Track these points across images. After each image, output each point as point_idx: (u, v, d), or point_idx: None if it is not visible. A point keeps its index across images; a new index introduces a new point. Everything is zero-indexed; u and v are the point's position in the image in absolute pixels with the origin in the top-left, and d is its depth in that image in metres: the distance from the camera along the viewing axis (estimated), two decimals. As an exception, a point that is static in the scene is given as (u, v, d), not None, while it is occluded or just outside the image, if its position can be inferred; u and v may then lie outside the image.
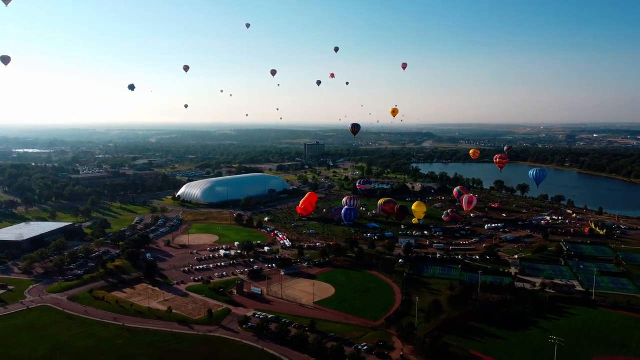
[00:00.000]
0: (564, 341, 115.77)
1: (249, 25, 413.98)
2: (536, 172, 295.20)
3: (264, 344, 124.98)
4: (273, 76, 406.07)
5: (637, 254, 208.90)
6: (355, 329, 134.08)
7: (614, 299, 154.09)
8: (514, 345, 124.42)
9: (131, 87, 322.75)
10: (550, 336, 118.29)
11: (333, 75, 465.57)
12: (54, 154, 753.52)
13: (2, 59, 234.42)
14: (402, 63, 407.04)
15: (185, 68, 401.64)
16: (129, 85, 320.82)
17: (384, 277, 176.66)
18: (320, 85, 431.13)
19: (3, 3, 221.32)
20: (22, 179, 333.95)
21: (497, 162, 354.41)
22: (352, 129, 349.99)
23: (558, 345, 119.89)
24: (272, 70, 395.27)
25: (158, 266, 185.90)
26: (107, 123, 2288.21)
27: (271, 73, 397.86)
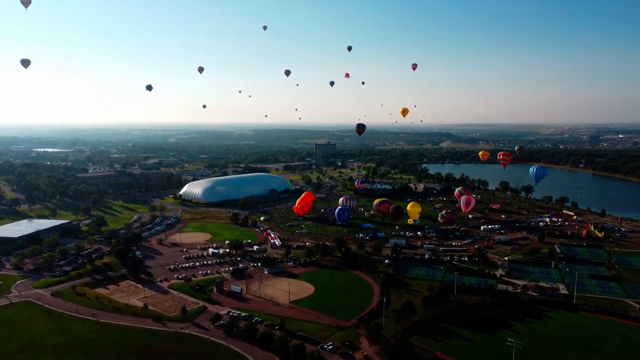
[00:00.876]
0: (521, 344, 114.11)
1: (266, 28, 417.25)
2: (536, 169, 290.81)
3: (232, 342, 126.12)
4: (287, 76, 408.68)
5: (632, 257, 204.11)
6: (326, 328, 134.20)
7: (598, 303, 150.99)
8: (483, 349, 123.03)
9: (149, 87, 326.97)
10: (509, 339, 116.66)
11: (348, 75, 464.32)
12: (72, 153, 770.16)
13: (22, 63, 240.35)
14: (412, 64, 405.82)
15: (200, 69, 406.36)
16: (147, 86, 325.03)
17: (367, 278, 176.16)
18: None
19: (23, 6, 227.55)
20: (30, 178, 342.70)
21: (501, 160, 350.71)
22: (357, 129, 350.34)
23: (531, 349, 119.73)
24: (287, 71, 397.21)
25: (145, 264, 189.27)
26: (130, 123, 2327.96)
27: (285, 73, 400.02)
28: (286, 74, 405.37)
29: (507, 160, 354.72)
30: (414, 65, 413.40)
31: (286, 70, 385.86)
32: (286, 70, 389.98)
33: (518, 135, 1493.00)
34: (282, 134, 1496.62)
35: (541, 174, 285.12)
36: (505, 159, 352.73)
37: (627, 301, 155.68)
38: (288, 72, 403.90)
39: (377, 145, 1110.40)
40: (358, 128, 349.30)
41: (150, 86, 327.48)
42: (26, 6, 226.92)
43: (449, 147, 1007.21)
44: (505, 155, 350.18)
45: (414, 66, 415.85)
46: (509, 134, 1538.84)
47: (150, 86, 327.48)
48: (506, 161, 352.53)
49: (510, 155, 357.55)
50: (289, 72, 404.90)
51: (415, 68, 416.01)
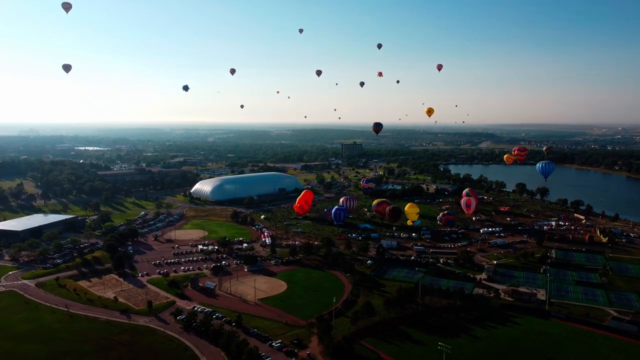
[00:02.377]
0: (451, 349, 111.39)
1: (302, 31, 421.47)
2: (542, 165, 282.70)
3: (186, 336, 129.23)
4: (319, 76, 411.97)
5: (631, 264, 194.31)
6: (282, 326, 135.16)
7: (574, 310, 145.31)
8: (430, 352, 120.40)
9: (185, 88, 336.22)
10: (439, 343, 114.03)
11: (381, 74, 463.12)
12: (109, 151, 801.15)
13: (64, 68, 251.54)
14: (437, 65, 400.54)
15: (232, 71, 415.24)
16: (184, 87, 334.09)
17: (343, 278, 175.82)
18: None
19: (64, 11, 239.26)
20: (52, 175, 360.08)
21: (516, 155, 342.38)
22: (374, 128, 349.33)
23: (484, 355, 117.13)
24: (318, 71, 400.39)
25: (134, 259, 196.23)
26: (174, 122, 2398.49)
27: (317, 74, 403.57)
28: (317, 74, 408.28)
29: (522, 156, 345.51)
30: (439, 66, 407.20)
31: (317, 70, 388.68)
32: (317, 71, 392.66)
33: (566, 135, 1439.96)
34: (319, 134, 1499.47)
35: (548, 169, 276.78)
36: (520, 154, 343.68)
37: (608, 309, 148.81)
38: (319, 72, 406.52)
39: (413, 145, 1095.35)
40: (375, 127, 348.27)
41: (187, 86, 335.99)
42: (67, 11, 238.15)
43: (488, 147, 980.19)
44: (520, 150, 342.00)
45: (439, 67, 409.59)
46: (556, 135, 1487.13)
47: (187, 86, 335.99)
48: (521, 157, 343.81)
49: (525, 150, 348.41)
50: (320, 72, 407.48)
51: (440, 69, 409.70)
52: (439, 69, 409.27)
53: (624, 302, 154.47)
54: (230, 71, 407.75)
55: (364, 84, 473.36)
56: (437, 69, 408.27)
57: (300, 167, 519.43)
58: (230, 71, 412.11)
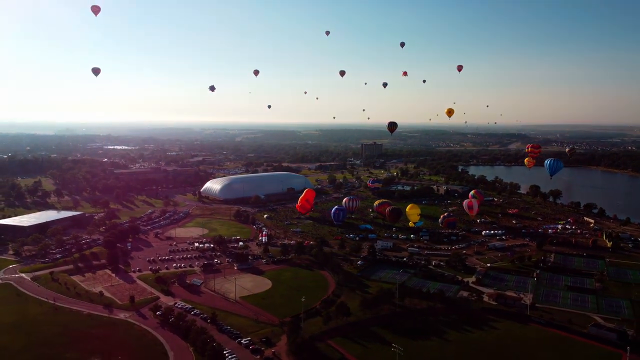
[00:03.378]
0: (403, 351, 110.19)
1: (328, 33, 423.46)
2: (551, 162, 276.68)
3: (161, 331, 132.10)
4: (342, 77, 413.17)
5: (632, 270, 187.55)
6: (256, 324, 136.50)
7: (557, 316, 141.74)
8: (395, 354, 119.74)
9: (212, 88, 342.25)
10: (393, 344, 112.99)
11: (406, 74, 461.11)
12: (136, 150, 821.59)
13: (93, 71, 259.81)
14: (458, 65, 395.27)
15: (256, 72, 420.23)
16: (210, 87, 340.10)
17: (330, 278, 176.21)
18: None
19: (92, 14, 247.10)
20: (71, 173, 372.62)
21: (530, 153, 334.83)
22: (389, 127, 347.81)
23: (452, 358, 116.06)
24: (341, 72, 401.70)
25: (131, 255, 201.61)
26: (205, 122, 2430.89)
27: (340, 74, 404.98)
28: (341, 74, 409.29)
29: (536, 153, 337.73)
30: (459, 67, 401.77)
31: (341, 71, 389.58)
32: (341, 71, 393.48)
33: (603, 136, 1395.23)
34: (347, 134, 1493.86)
35: (556, 167, 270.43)
36: (534, 152, 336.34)
37: (594, 316, 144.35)
38: (343, 73, 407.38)
39: (440, 146, 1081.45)
40: (389, 126, 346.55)
41: (213, 87, 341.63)
42: (96, 14, 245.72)
43: (518, 148, 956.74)
44: (534, 147, 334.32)
45: (460, 67, 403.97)
46: (593, 136, 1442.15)
47: (213, 87, 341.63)
48: (535, 154, 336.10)
49: (539, 147, 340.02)
50: (344, 73, 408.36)
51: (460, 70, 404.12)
52: (459, 69, 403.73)
53: (613, 309, 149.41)
54: (254, 72, 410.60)
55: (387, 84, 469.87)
56: (458, 69, 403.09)
57: (315, 167, 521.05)
58: (254, 72, 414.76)
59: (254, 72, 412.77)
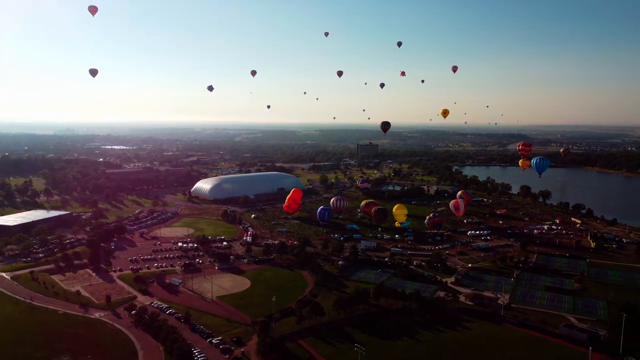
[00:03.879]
0: (364, 350, 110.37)
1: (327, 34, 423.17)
2: (538, 161, 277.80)
3: (134, 330, 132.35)
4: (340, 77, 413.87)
5: (612, 270, 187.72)
6: (230, 324, 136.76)
7: (532, 317, 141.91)
8: (366, 354, 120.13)
9: (210, 88, 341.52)
10: (355, 344, 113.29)
11: (404, 74, 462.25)
12: (133, 150, 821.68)
13: (90, 72, 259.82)
14: (453, 66, 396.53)
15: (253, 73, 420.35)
16: (208, 87, 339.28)
17: (310, 278, 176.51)
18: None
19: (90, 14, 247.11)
20: (61, 173, 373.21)
21: (520, 151, 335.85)
22: (382, 127, 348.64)
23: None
24: (339, 72, 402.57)
25: (114, 254, 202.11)
26: (206, 122, 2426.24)
27: (338, 74, 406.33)
28: (339, 74, 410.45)
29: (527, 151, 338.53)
30: (454, 68, 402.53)
31: (338, 71, 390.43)
32: (339, 72, 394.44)
33: (603, 137, 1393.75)
34: (347, 134, 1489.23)
35: (543, 166, 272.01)
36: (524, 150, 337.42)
37: (569, 316, 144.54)
38: (340, 73, 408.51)
39: (439, 146, 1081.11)
40: (383, 126, 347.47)
41: (212, 87, 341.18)
42: (93, 14, 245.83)
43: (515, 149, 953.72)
44: (525, 145, 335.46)
45: (454, 68, 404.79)
46: (594, 136, 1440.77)
47: (212, 87, 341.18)
48: (526, 152, 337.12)
49: (530, 146, 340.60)
50: (342, 73, 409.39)
51: (455, 70, 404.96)
52: (454, 70, 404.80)
53: (589, 310, 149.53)
54: (251, 73, 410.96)
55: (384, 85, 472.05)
56: (452, 70, 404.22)
57: (309, 167, 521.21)
58: (252, 73, 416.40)
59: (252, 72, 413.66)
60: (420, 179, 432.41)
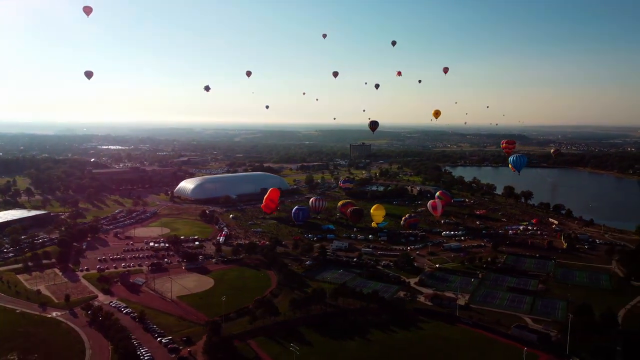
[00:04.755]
0: (299, 350, 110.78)
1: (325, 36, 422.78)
2: (515, 158, 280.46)
3: (87, 329, 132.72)
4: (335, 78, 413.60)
5: (579, 271, 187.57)
6: (184, 323, 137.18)
7: (488, 317, 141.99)
8: (313, 354, 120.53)
9: (207, 88, 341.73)
10: (291, 344, 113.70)
11: (400, 74, 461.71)
12: (128, 150, 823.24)
13: (86, 74, 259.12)
14: (444, 67, 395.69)
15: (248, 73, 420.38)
16: (205, 87, 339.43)
17: (274, 277, 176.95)
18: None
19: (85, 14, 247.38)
20: (47, 173, 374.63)
21: (504, 148, 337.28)
22: (370, 126, 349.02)
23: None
24: (334, 72, 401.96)
25: (84, 254, 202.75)
26: (207, 122, 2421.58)
27: (333, 75, 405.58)
28: (334, 75, 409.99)
29: (510, 148, 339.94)
30: (445, 69, 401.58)
31: (334, 72, 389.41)
32: (334, 72, 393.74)
33: (604, 137, 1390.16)
34: (346, 135, 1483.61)
35: (520, 163, 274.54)
36: (508, 147, 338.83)
37: (525, 317, 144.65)
38: (336, 74, 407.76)
39: (437, 146, 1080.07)
40: (371, 125, 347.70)
41: (208, 87, 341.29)
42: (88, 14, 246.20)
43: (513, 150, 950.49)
44: (509, 143, 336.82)
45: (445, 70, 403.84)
46: (595, 137, 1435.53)
47: (208, 87, 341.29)
48: (509, 149, 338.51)
49: (513, 143, 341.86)
50: (337, 74, 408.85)
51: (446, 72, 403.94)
52: (445, 71, 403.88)
53: (547, 310, 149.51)
54: (246, 73, 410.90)
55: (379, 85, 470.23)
56: (444, 71, 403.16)
57: (297, 167, 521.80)
58: (247, 73, 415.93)
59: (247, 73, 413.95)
60: (407, 179, 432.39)
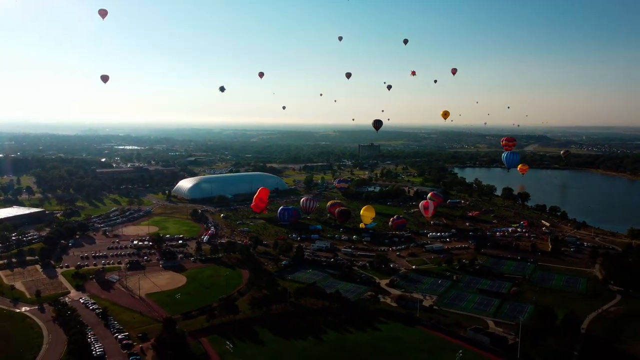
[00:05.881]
0: (232, 348, 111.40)
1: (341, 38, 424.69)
2: (507, 155, 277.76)
3: (51, 324, 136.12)
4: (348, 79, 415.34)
5: (558, 274, 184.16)
6: (145, 320, 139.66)
7: (448, 319, 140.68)
8: (259, 354, 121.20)
9: (221, 89, 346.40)
10: (227, 342, 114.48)
11: (414, 73, 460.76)
12: (141, 151, 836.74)
13: (102, 78, 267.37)
14: (452, 69, 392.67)
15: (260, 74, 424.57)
16: (220, 87, 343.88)
17: (247, 276, 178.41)
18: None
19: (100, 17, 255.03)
20: (52, 172, 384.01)
21: (504, 145, 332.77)
22: (374, 125, 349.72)
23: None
24: (347, 74, 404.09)
25: (69, 251, 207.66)
26: (226, 123, 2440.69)
27: (346, 76, 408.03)
28: (347, 76, 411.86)
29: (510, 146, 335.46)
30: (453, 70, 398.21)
31: (347, 72, 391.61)
32: (347, 73, 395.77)
33: (630, 139, 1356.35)
34: (364, 135, 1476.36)
35: (512, 160, 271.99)
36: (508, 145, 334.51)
37: (489, 320, 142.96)
38: (349, 75, 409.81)
39: (454, 147, 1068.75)
40: (375, 124, 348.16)
41: (223, 87, 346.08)
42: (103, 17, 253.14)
43: (535, 150, 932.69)
44: (508, 140, 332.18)
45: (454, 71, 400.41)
46: (622, 138, 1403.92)
47: (223, 87, 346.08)
48: (509, 147, 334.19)
49: (513, 140, 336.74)
50: (350, 75, 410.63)
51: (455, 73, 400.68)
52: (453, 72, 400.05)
53: (514, 314, 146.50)
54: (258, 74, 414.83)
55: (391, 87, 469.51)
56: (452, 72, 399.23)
57: (300, 167, 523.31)
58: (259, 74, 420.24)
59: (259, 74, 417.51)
60: (407, 180, 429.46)
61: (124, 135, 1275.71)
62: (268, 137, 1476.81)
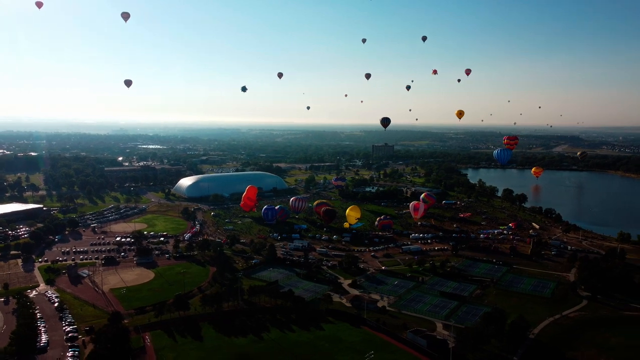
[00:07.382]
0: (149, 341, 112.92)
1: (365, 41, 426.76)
2: (499, 152, 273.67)
3: (10, 316, 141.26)
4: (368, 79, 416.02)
5: (529, 278, 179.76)
6: (99, 314, 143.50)
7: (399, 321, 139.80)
8: (197, 349, 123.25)
9: (244, 89, 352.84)
10: (145, 337, 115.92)
11: (436, 72, 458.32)
12: (161, 150, 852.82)
13: (125, 83, 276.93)
14: (466, 69, 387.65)
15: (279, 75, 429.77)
16: (242, 87, 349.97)
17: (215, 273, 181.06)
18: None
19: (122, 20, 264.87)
20: (60, 171, 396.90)
21: (506, 144, 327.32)
22: (382, 123, 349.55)
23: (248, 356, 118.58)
24: (367, 74, 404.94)
25: (53, 247, 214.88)
26: (254, 123, 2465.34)
27: (365, 77, 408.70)
28: (366, 77, 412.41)
29: (512, 144, 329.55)
30: (467, 71, 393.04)
31: (366, 73, 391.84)
32: (366, 74, 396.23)
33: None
34: (391, 135, 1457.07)
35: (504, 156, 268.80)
36: (509, 143, 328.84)
37: (438, 322, 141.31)
38: (368, 75, 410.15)
39: (480, 148, 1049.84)
40: (383, 122, 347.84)
41: (245, 87, 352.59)
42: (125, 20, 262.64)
43: (562, 151, 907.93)
44: (510, 139, 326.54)
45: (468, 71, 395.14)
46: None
47: (245, 87, 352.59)
48: (511, 145, 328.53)
49: (515, 139, 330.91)
50: (369, 75, 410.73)
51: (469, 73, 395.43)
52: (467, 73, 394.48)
53: (467, 317, 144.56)
54: (277, 75, 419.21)
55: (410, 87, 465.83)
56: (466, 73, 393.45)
57: (306, 167, 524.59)
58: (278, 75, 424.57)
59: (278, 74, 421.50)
60: (410, 181, 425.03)
61: (152, 135, 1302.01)
62: (293, 137, 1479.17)
